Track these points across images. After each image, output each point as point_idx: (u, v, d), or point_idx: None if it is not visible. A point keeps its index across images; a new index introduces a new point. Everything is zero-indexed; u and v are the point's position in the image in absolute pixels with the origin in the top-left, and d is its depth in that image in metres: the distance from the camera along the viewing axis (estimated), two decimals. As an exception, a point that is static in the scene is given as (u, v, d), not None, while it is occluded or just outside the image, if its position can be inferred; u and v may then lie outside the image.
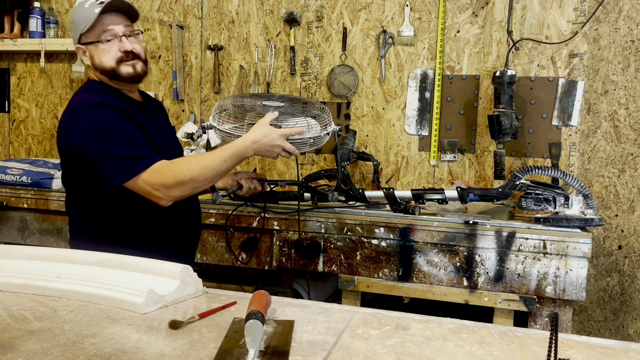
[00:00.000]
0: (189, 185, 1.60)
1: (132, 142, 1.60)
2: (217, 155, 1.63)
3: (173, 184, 1.58)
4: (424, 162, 2.66)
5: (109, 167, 1.58)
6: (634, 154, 2.43)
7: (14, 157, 3.31)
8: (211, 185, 1.74)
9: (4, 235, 2.67)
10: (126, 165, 1.57)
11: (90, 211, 1.70)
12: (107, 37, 1.70)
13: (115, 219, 1.68)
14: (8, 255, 1.40)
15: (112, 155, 1.57)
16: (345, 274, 2.16)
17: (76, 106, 1.65)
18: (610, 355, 1.02)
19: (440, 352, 0.99)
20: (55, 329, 1.05)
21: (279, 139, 1.69)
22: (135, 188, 1.59)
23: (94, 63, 1.72)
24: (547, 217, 2.05)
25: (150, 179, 1.57)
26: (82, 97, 1.69)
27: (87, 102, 1.64)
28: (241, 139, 1.67)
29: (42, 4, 3.16)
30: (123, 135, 1.60)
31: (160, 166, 1.59)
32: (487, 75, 2.55)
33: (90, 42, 1.70)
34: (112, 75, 1.72)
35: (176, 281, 1.25)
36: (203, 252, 2.34)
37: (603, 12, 2.44)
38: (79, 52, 1.75)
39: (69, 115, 1.65)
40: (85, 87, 1.76)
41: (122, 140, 1.58)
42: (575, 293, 1.93)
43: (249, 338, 0.95)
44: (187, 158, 1.66)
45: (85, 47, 1.72)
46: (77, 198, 1.73)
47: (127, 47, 1.72)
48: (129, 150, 1.58)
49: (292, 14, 2.74)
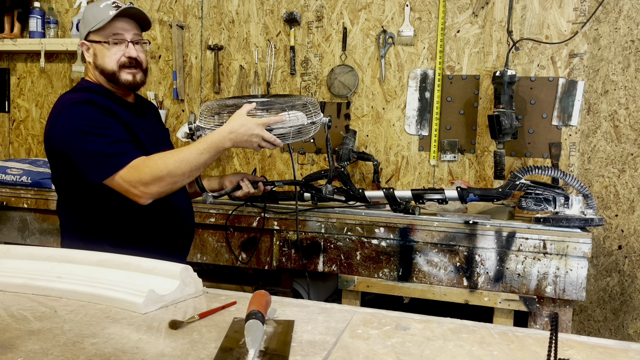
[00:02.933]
0: (166, 181, 1.57)
1: (112, 139, 1.58)
2: (194, 148, 1.60)
3: (150, 179, 1.55)
4: (424, 162, 2.66)
5: (87, 164, 1.57)
6: (634, 154, 2.43)
7: (14, 157, 3.31)
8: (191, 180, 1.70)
9: (4, 235, 2.67)
10: (105, 162, 1.55)
11: (78, 210, 1.70)
12: (115, 40, 1.71)
13: (103, 218, 1.67)
14: (8, 255, 1.40)
15: (91, 152, 1.56)
16: (345, 274, 2.16)
17: (61, 104, 1.67)
18: (610, 355, 1.02)
19: (440, 352, 0.99)
20: (55, 329, 1.05)
21: (257, 127, 1.63)
22: (114, 185, 1.58)
23: (96, 62, 1.73)
24: (547, 217, 2.05)
25: (127, 176, 1.55)
26: (69, 95, 1.70)
27: (71, 99, 1.65)
28: (218, 130, 1.63)
29: (42, 4, 3.16)
30: (103, 132, 1.58)
31: (137, 162, 1.56)
32: (487, 75, 2.55)
33: (97, 40, 1.72)
34: (110, 78, 1.73)
35: (176, 281, 1.25)
36: (203, 252, 2.34)
37: (603, 12, 2.44)
38: (82, 47, 1.76)
39: (53, 113, 1.67)
40: (75, 87, 1.78)
41: (102, 137, 1.57)
42: (575, 293, 1.93)
43: (249, 338, 0.95)
44: (163, 153, 1.61)
45: (90, 44, 1.73)
46: (65, 197, 1.74)
47: (132, 53, 1.73)
48: (109, 147, 1.56)
49: (292, 14, 2.74)
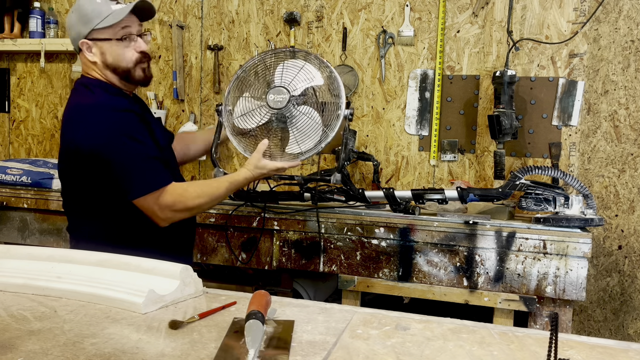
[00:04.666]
0: (193, 212, 1.70)
1: (150, 157, 1.60)
2: (223, 188, 1.72)
3: (181, 209, 1.63)
4: (424, 162, 2.66)
5: (126, 179, 1.58)
6: (634, 154, 2.43)
7: (14, 157, 3.31)
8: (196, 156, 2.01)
9: (4, 235, 2.67)
10: (141, 180, 1.58)
11: (90, 213, 1.69)
12: (123, 35, 1.64)
13: (114, 221, 1.67)
14: (8, 255, 1.40)
15: (129, 168, 1.57)
16: (345, 274, 2.16)
17: (89, 107, 1.59)
18: (610, 355, 1.02)
19: (440, 352, 0.99)
20: (55, 329, 1.05)
21: (273, 170, 1.77)
22: (142, 204, 1.60)
23: (106, 61, 1.65)
24: (547, 217, 2.05)
25: (160, 199, 1.59)
26: (99, 97, 1.62)
27: (109, 105, 1.59)
28: (243, 174, 1.75)
29: (42, 4, 3.16)
30: (143, 150, 1.59)
31: (173, 189, 1.61)
32: (487, 75, 2.55)
33: (105, 38, 1.63)
34: (125, 75, 1.67)
35: (176, 281, 1.25)
36: (203, 252, 2.34)
37: (603, 12, 2.44)
38: (83, 47, 1.65)
39: (79, 116, 1.59)
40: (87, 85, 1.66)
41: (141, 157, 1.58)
42: (575, 293, 1.93)
43: (249, 338, 0.95)
44: (198, 186, 1.70)
45: (93, 43, 1.64)
46: (76, 200, 1.71)
47: (143, 47, 1.68)
48: (147, 164, 1.59)
49: (292, 14, 2.74)
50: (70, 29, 1.68)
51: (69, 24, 1.69)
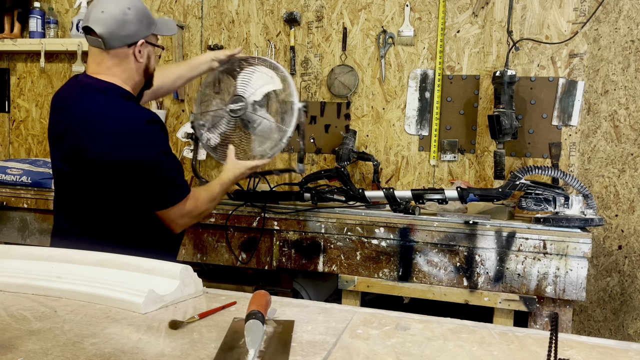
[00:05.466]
0: (202, 216, 1.80)
1: (179, 169, 1.67)
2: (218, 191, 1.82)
3: (197, 215, 1.73)
4: (424, 162, 2.66)
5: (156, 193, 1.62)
6: (634, 154, 2.43)
7: (14, 157, 3.31)
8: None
9: (4, 235, 2.67)
10: (173, 193, 1.64)
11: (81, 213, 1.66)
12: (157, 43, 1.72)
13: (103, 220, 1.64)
14: (8, 255, 1.40)
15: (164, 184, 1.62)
16: (345, 274, 2.16)
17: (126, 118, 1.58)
18: (610, 355, 1.02)
19: (440, 352, 0.99)
20: (55, 329, 1.05)
21: (248, 170, 1.91)
22: (167, 214, 1.65)
23: (149, 64, 1.68)
24: (547, 217, 2.05)
25: (183, 208, 1.65)
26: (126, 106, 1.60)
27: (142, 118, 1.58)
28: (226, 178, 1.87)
29: (42, 4, 3.16)
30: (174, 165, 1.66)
31: (192, 195, 1.69)
32: (487, 75, 2.55)
33: (154, 44, 1.69)
34: (147, 80, 1.73)
35: (176, 281, 1.25)
36: (203, 252, 2.34)
37: (603, 12, 2.44)
38: (136, 48, 1.61)
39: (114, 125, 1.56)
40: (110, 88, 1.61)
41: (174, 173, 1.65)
42: (575, 293, 1.93)
43: (249, 338, 0.95)
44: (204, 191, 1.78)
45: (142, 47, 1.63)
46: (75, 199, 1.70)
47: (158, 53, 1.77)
48: (178, 179, 1.65)
49: (292, 14, 2.74)
50: (122, 24, 1.58)
51: (121, 19, 1.57)
